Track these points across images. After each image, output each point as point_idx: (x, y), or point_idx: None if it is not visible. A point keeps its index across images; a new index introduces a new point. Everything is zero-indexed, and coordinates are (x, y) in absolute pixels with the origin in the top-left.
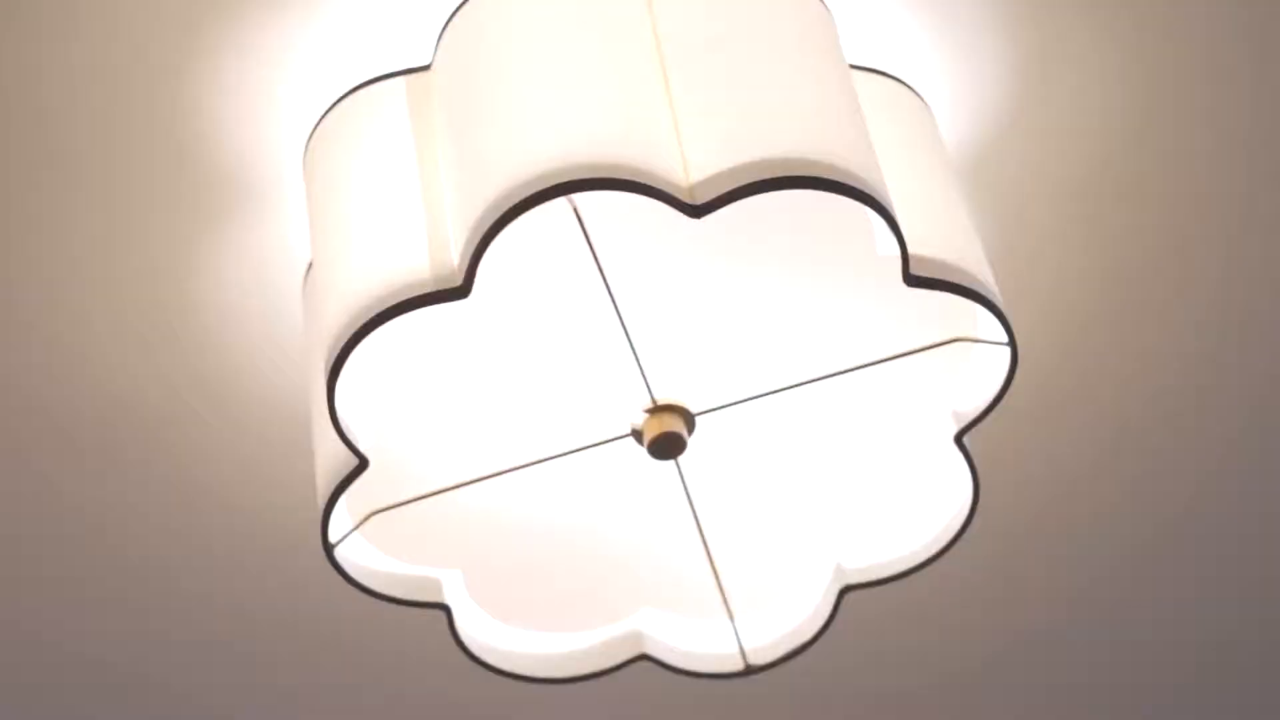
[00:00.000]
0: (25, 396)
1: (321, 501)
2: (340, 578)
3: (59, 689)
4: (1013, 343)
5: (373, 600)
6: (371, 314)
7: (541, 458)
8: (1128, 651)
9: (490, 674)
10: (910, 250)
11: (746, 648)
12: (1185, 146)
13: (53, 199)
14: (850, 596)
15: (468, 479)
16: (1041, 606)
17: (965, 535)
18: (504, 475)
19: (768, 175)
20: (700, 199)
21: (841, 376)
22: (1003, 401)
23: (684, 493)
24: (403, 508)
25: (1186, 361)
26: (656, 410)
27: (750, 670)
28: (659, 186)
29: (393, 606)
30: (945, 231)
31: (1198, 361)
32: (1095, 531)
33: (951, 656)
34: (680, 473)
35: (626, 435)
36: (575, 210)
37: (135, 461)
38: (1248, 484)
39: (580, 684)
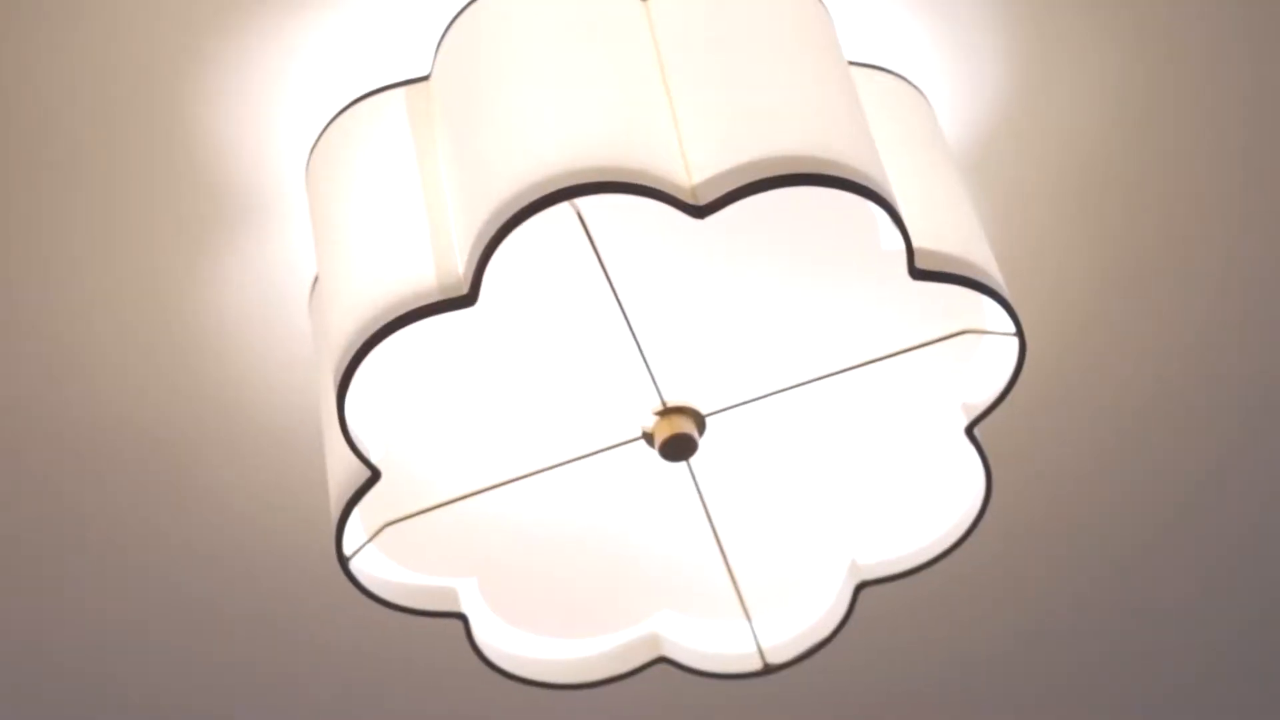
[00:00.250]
0: (30, 408)
1: (335, 514)
2: (354, 588)
3: (61, 695)
4: (1020, 333)
5: (383, 608)
6: (378, 325)
7: (553, 463)
8: (1127, 650)
9: (505, 680)
10: (915, 244)
11: (764, 646)
12: (1185, 145)
13: (55, 210)
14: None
15: (480, 487)
16: (1042, 605)
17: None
18: (516, 482)
19: (769, 174)
20: (703, 199)
21: (850, 373)
22: (1001, 400)
23: (697, 494)
24: (416, 517)
25: (1186, 361)
26: (666, 412)
27: (769, 669)
28: (661, 188)
29: (403, 614)
30: (949, 224)
31: (1197, 361)
32: (1095, 531)
33: (953, 655)
34: (692, 474)
35: (637, 438)
36: (579, 214)
37: (142, 474)
38: (1248, 484)
39: (598, 688)
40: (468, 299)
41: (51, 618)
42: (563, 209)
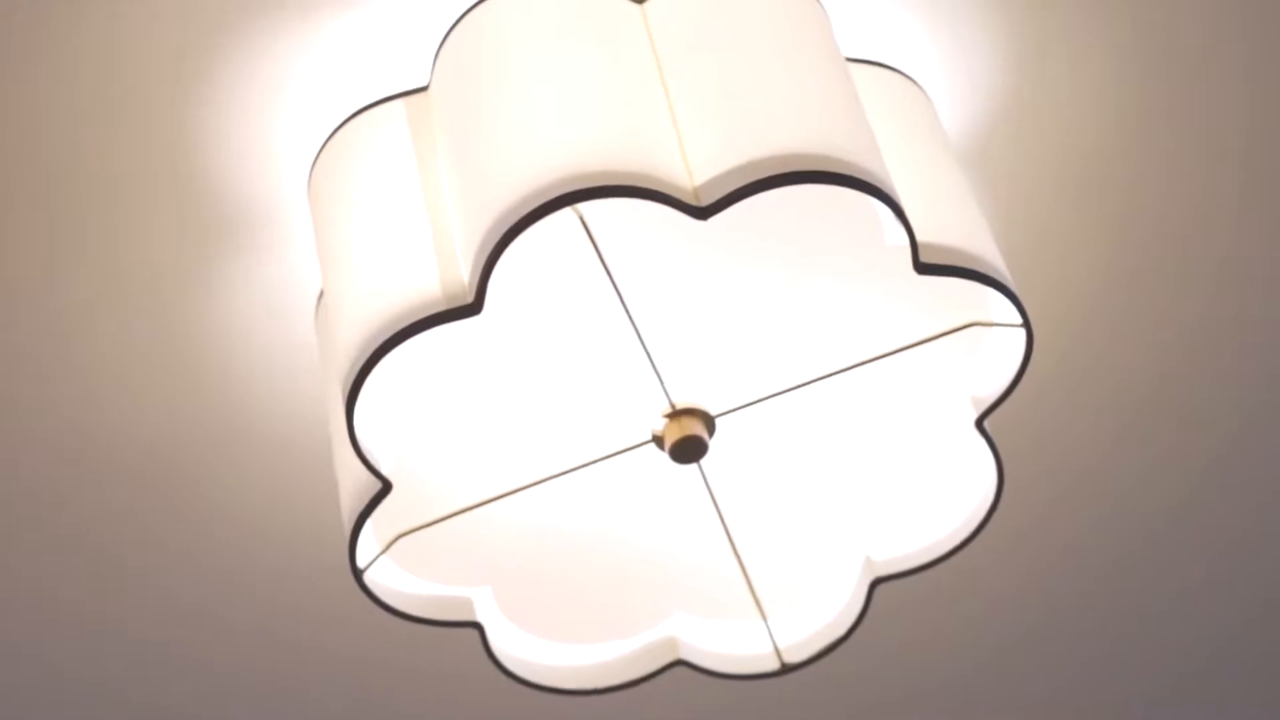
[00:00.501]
0: (35, 421)
1: (347, 527)
2: (365, 598)
3: (63, 703)
4: (1027, 324)
5: (393, 618)
6: (385, 337)
7: (563, 469)
8: (1134, 647)
9: (520, 686)
10: (918, 238)
11: (781, 646)
12: (1185, 138)
13: (57, 237)
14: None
15: (492, 495)
16: (1042, 604)
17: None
18: (527, 489)
19: (770, 173)
20: (705, 200)
21: (859, 369)
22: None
23: (709, 495)
24: (429, 527)
25: (1189, 356)
26: (676, 414)
27: (787, 669)
28: (663, 191)
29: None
30: (952, 218)
31: (1200, 356)
32: (1097, 529)
33: (959, 652)
34: (704, 475)
35: (647, 441)
36: (581, 219)
37: (150, 488)
38: (1249, 481)
39: (616, 693)
40: (473, 307)
41: (51, 623)
42: (565, 214)
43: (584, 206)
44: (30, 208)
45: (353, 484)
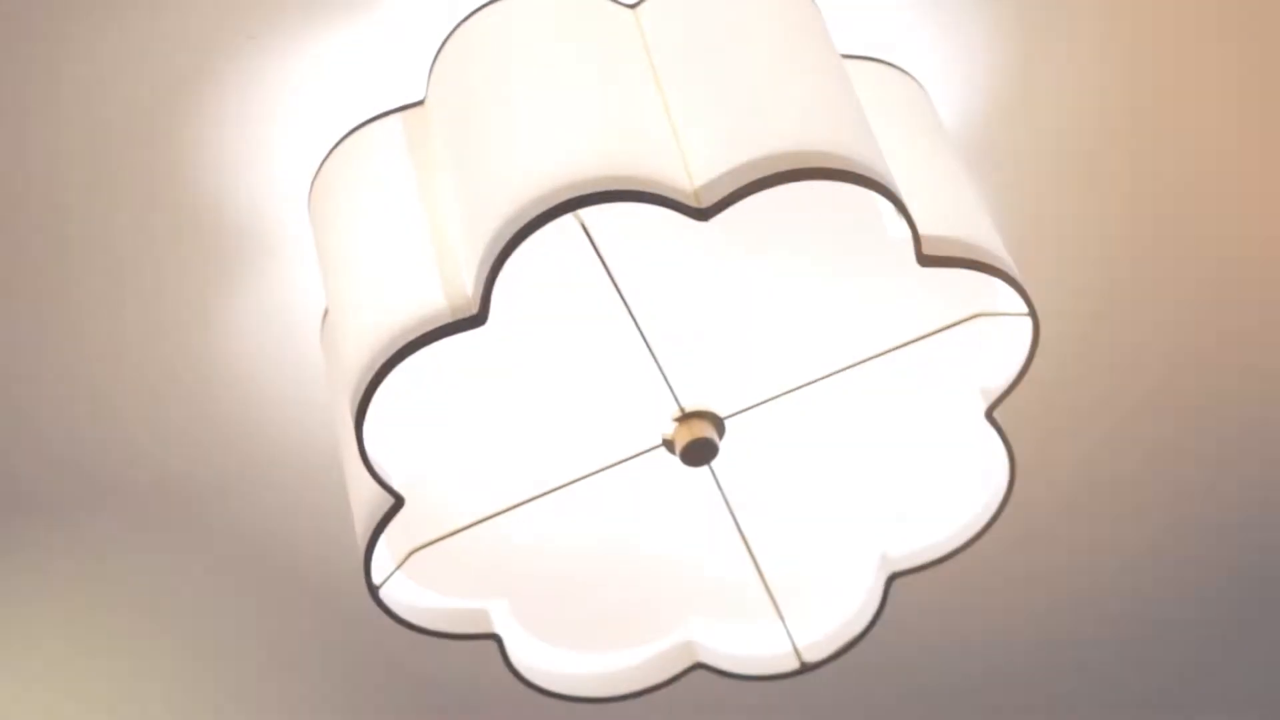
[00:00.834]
0: (54, 459)
1: (362, 543)
2: (387, 617)
3: None
4: (1033, 313)
5: (410, 633)
6: (391, 351)
7: (575, 477)
8: (1125, 653)
9: (540, 696)
10: (920, 231)
11: (800, 645)
12: (1184, 134)
13: (60, 270)
14: None
15: (504, 506)
16: (1042, 604)
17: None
18: (540, 499)
19: (769, 172)
20: (705, 202)
21: (866, 365)
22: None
23: (721, 497)
24: (442, 541)
25: (1188, 353)
26: (685, 418)
27: (806, 668)
28: (664, 194)
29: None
30: (954, 210)
31: (1199, 354)
32: (1098, 525)
33: (969, 647)
34: (715, 477)
35: (658, 446)
36: (583, 225)
37: (156, 500)
38: (1249, 479)
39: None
40: (478, 319)
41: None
42: (566, 222)
43: (585, 212)
44: (30, 258)
45: (365, 500)
